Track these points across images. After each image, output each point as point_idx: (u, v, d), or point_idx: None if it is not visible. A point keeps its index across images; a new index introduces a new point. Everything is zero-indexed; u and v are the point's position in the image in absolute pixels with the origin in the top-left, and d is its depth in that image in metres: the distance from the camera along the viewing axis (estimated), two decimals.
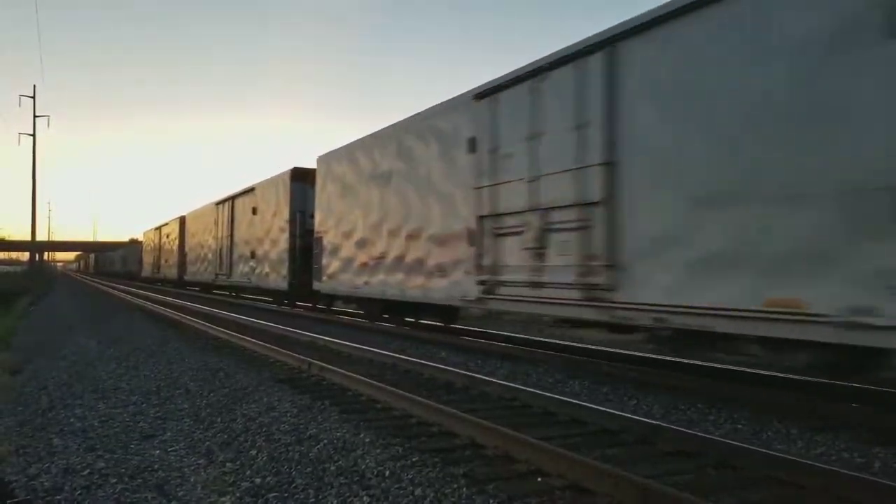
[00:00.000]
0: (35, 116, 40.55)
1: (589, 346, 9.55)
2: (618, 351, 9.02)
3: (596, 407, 5.40)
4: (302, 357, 8.21)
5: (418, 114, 10.95)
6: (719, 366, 7.51)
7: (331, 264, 13.96)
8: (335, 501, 3.58)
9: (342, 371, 7.13)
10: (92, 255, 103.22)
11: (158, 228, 37.37)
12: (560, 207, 7.56)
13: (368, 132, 12.73)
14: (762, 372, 7.08)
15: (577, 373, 7.60)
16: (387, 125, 12.09)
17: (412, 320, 12.62)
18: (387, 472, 3.99)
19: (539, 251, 7.87)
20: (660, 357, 8.27)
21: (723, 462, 4.15)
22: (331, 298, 15.62)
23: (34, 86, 44.89)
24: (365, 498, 3.61)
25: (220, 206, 23.57)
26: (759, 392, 6.20)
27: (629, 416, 5.12)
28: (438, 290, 10.04)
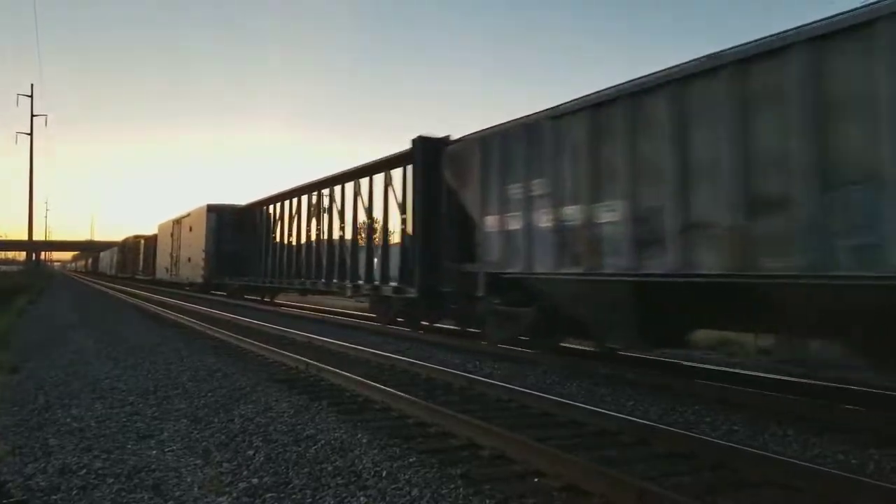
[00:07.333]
0: (32, 115, 40.57)
1: (586, 348, 9.53)
2: (617, 353, 9.01)
3: (593, 408, 5.41)
4: (299, 357, 8.21)
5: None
6: (718, 368, 7.52)
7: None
8: (332, 502, 3.59)
9: (340, 371, 7.13)
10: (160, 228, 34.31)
11: None
12: None
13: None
14: (760, 374, 7.10)
15: (574, 374, 7.61)
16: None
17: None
18: (384, 473, 3.99)
19: None
20: (659, 359, 8.29)
21: (719, 464, 4.16)
22: None
23: (31, 85, 45.08)
24: (362, 498, 3.61)
25: None
26: (757, 394, 6.20)
27: (626, 417, 5.13)
28: None
